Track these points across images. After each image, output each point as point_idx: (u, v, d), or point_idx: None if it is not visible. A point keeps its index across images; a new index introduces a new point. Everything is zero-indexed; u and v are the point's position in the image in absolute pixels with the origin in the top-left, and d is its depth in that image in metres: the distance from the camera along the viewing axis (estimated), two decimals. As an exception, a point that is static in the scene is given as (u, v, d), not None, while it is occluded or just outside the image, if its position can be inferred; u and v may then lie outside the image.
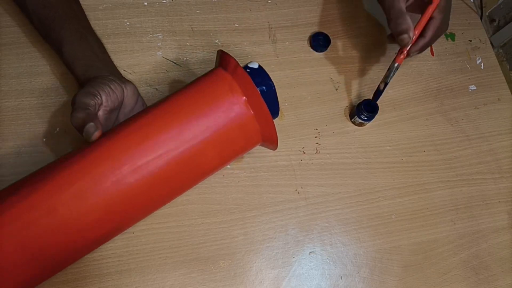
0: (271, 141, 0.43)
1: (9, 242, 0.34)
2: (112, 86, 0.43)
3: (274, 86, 0.43)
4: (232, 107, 0.39)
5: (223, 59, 0.42)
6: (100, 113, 0.41)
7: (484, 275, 0.53)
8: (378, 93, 0.54)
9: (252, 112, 0.39)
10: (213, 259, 0.48)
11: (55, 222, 0.35)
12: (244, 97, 0.39)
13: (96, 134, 0.38)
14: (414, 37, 0.50)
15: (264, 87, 0.42)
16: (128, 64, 0.54)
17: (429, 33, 0.52)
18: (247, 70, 0.43)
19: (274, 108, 0.44)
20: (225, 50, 0.57)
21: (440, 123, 0.59)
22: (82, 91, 0.41)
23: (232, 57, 0.40)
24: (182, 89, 0.41)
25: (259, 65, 0.43)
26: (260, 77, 0.42)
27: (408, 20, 0.48)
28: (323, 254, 0.50)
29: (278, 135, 0.42)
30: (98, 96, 0.41)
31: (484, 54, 0.65)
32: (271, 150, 0.53)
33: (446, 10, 0.52)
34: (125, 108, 0.45)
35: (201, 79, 0.42)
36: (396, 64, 0.51)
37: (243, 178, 0.52)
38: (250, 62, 0.44)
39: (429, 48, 0.63)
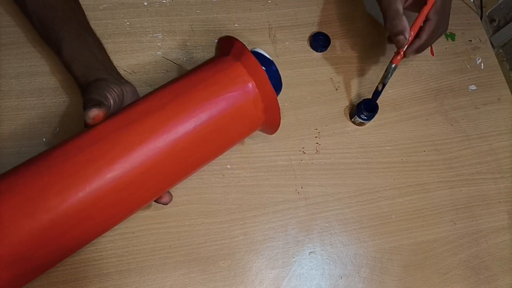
0: (274, 121, 0.44)
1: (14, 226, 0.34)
2: (115, 90, 0.43)
3: (275, 66, 0.45)
4: (243, 92, 0.41)
5: (230, 44, 0.43)
6: None
7: (484, 275, 0.53)
8: (376, 93, 0.54)
9: (258, 92, 0.41)
10: (213, 259, 0.48)
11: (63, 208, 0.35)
12: (253, 81, 0.41)
13: (100, 113, 0.38)
14: (410, 38, 0.50)
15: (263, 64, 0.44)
16: (128, 64, 0.54)
17: (424, 35, 0.52)
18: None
19: (278, 85, 0.46)
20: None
21: (440, 123, 0.59)
22: (94, 92, 0.41)
23: (240, 41, 0.42)
24: (193, 74, 0.42)
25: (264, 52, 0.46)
26: (263, 60, 0.44)
27: (404, 21, 0.49)
28: (323, 254, 0.50)
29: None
30: (109, 100, 0.41)
31: (484, 54, 0.65)
32: (271, 150, 0.53)
33: (442, 10, 0.52)
34: None
35: (203, 64, 0.43)
36: (393, 65, 0.52)
37: (243, 178, 0.52)
38: (254, 47, 0.46)
39: (429, 48, 0.63)
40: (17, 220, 0.33)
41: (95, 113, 0.37)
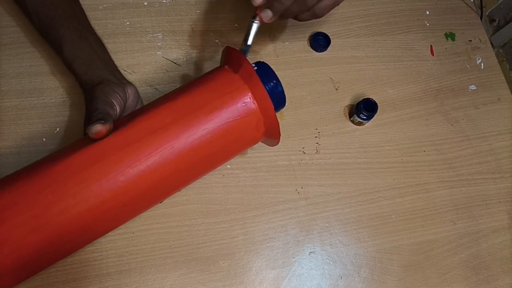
0: (273, 135, 0.44)
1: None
2: (120, 94, 0.43)
3: (278, 80, 0.44)
4: (247, 118, 0.41)
5: (233, 57, 0.42)
6: None
7: (484, 275, 0.53)
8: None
9: (262, 118, 0.41)
10: (213, 259, 0.48)
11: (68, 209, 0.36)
12: (252, 96, 0.40)
13: (103, 129, 0.37)
14: None
15: (270, 83, 0.43)
16: (128, 64, 0.54)
17: None
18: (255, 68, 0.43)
19: (281, 104, 0.45)
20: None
21: (440, 123, 0.59)
22: (101, 100, 0.41)
23: (244, 57, 0.41)
24: (192, 85, 0.42)
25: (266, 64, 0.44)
26: (265, 73, 0.43)
27: None
28: (323, 254, 0.50)
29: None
30: (115, 107, 0.41)
31: (484, 54, 0.65)
32: (271, 150, 0.53)
33: None
34: (126, 112, 0.45)
35: (210, 78, 0.42)
36: (253, 23, 0.45)
37: (243, 178, 0.52)
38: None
39: (429, 48, 0.64)
40: (24, 235, 0.35)
41: (98, 129, 0.37)
